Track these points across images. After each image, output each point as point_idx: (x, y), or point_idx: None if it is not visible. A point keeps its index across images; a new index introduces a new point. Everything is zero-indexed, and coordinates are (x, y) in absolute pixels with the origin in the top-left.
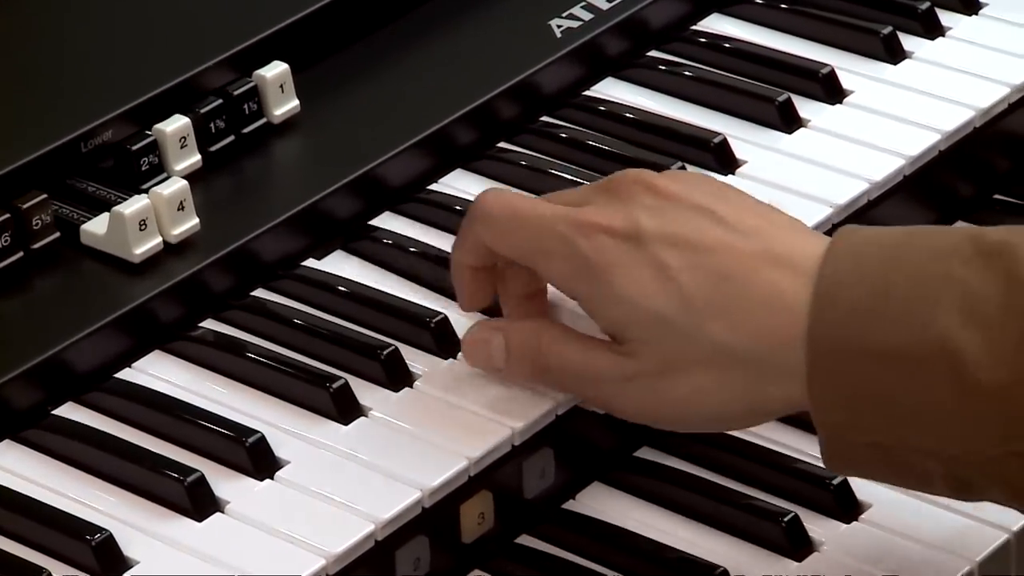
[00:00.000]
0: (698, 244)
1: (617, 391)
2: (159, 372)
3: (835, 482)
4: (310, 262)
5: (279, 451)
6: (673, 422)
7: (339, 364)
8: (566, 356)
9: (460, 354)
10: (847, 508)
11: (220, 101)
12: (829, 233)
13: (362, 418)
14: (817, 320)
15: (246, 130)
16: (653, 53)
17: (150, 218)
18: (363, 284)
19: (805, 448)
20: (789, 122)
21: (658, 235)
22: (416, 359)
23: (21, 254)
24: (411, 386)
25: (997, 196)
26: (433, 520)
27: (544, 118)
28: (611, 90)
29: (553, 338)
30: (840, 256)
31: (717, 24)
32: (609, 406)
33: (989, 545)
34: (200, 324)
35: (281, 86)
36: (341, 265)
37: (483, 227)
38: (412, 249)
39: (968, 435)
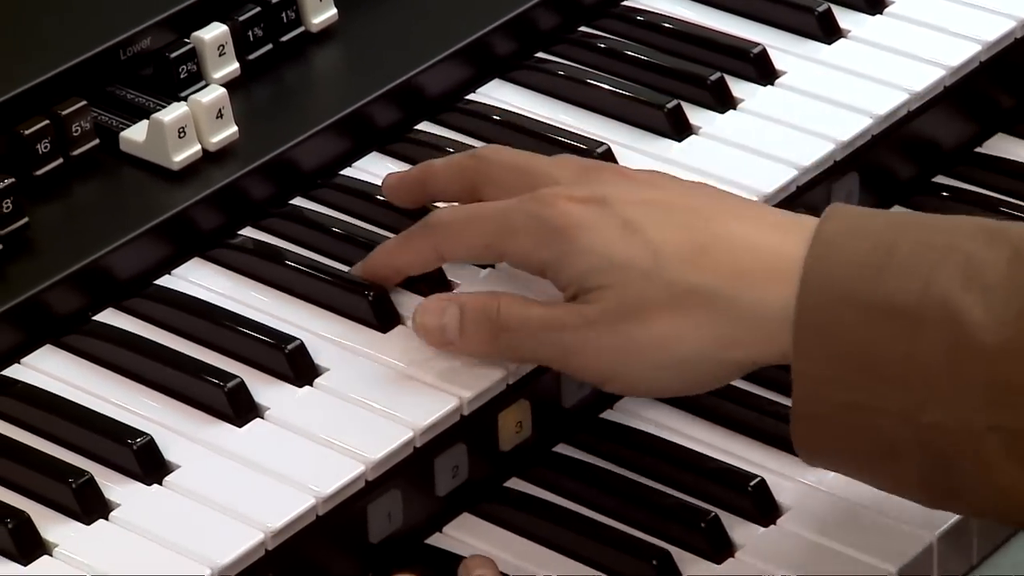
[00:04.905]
0: (668, 204)
1: (580, 341)
2: (199, 279)
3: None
4: (348, 170)
5: (318, 358)
6: (634, 376)
7: None
8: (526, 313)
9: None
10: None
11: (258, 9)
12: (868, 146)
13: (401, 326)
14: (813, 268)
15: (284, 38)
16: None
17: (189, 126)
18: None
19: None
20: (829, 32)
21: (624, 199)
22: (453, 267)
23: (61, 160)
24: None
25: None
26: (472, 428)
27: (583, 28)
28: (651, 0)
29: (511, 300)
30: (841, 218)
31: None
32: (569, 362)
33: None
34: (239, 232)
35: None
36: (378, 169)
37: (441, 235)
38: (450, 150)
39: (953, 399)
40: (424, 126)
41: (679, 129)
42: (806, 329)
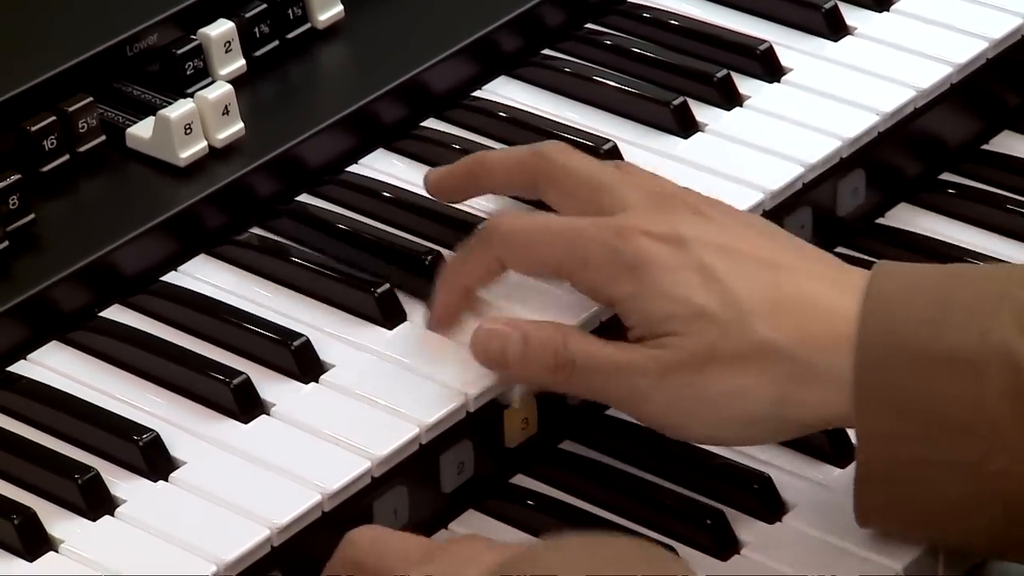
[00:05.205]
0: (743, 253)
1: (650, 387)
2: (205, 276)
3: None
4: (354, 167)
5: (324, 355)
6: (702, 426)
7: (383, 269)
8: (595, 352)
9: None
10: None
11: (264, 6)
12: (874, 143)
13: (406, 323)
14: (867, 325)
15: (291, 35)
16: None
17: (195, 122)
18: (407, 190)
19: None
20: (836, 29)
21: (702, 242)
22: None
23: (67, 157)
24: None
25: None
26: (477, 425)
27: (589, 25)
28: None
29: (580, 336)
30: (892, 275)
31: None
32: (638, 407)
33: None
34: (245, 229)
35: None
36: (384, 165)
37: (504, 246)
38: (456, 146)
39: (1019, 444)
40: (430, 123)
41: (685, 126)
42: (867, 388)
